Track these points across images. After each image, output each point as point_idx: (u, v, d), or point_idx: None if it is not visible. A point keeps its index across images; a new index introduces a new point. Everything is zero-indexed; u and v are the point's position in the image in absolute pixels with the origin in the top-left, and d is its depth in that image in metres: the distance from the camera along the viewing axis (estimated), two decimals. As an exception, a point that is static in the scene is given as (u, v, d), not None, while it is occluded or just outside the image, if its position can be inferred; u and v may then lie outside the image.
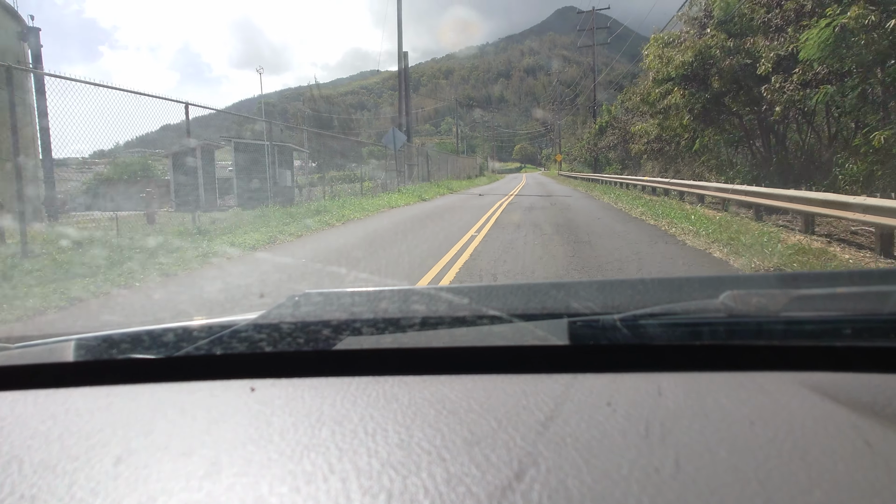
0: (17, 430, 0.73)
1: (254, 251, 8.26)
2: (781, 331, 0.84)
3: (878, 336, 0.82)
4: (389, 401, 0.76)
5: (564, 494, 0.53)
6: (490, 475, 0.57)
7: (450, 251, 7.61)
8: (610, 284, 1.02)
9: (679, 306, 0.86)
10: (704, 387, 0.76)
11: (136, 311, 4.93)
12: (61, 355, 0.93)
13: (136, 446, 0.67)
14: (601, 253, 7.21)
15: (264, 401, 0.78)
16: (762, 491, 0.53)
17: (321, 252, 8.07)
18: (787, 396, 0.72)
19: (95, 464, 0.64)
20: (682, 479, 0.55)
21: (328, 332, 0.90)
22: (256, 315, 0.94)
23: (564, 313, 0.87)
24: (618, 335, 0.84)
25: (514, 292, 0.99)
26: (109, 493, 0.58)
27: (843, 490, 0.53)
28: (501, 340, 0.88)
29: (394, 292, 0.98)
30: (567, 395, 0.74)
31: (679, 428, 0.65)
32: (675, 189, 16.74)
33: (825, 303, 0.89)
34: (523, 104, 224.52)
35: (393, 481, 0.57)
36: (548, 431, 0.65)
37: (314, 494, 0.56)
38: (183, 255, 7.52)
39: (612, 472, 0.56)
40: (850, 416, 0.66)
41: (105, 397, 0.83)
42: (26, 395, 0.85)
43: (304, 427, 0.70)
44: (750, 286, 0.98)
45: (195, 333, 0.91)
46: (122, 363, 0.92)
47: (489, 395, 0.76)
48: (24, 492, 0.59)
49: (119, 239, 8.62)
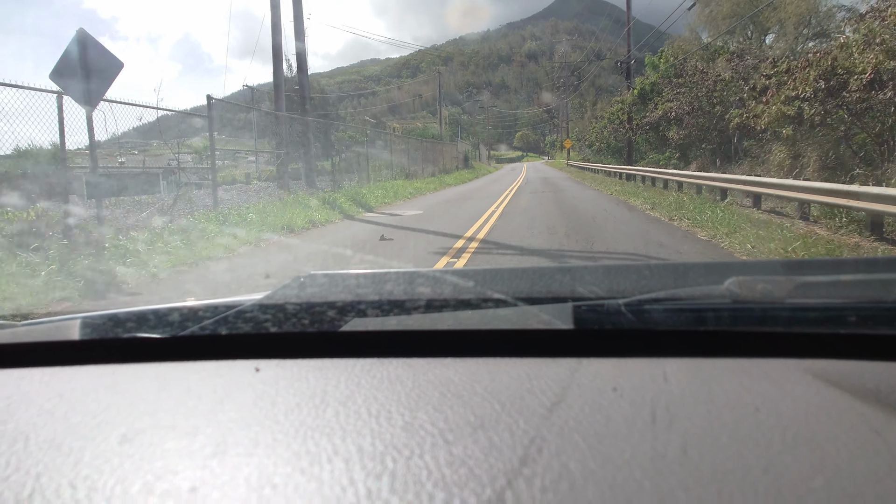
0: (23, 408, 0.74)
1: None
2: (786, 317, 0.84)
3: (882, 324, 0.82)
4: (394, 383, 0.76)
5: (569, 479, 0.53)
6: (494, 458, 0.57)
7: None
8: (615, 269, 1.02)
9: (684, 292, 0.87)
10: (709, 373, 0.76)
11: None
12: (67, 333, 0.94)
13: (142, 425, 0.68)
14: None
15: (269, 381, 0.79)
16: (767, 477, 0.53)
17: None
18: (792, 383, 0.73)
19: (101, 442, 0.64)
20: (688, 465, 0.55)
21: (333, 314, 0.90)
22: (262, 296, 0.94)
23: (569, 297, 0.87)
24: (622, 320, 0.84)
25: (520, 276, 1.00)
26: (115, 471, 0.58)
27: (846, 477, 0.53)
28: (506, 324, 0.88)
29: (399, 274, 0.99)
30: (572, 380, 0.74)
31: (684, 414, 0.65)
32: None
33: (830, 290, 0.89)
34: (525, 90, 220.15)
35: (397, 463, 0.57)
36: (552, 416, 0.65)
37: (318, 475, 0.56)
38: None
39: (617, 457, 0.56)
40: (855, 403, 0.66)
41: (110, 376, 0.84)
42: (32, 373, 0.86)
43: (309, 408, 0.70)
44: (755, 273, 0.98)
45: (200, 313, 0.92)
46: (128, 342, 0.92)
47: (493, 379, 0.76)
48: (30, 469, 0.59)
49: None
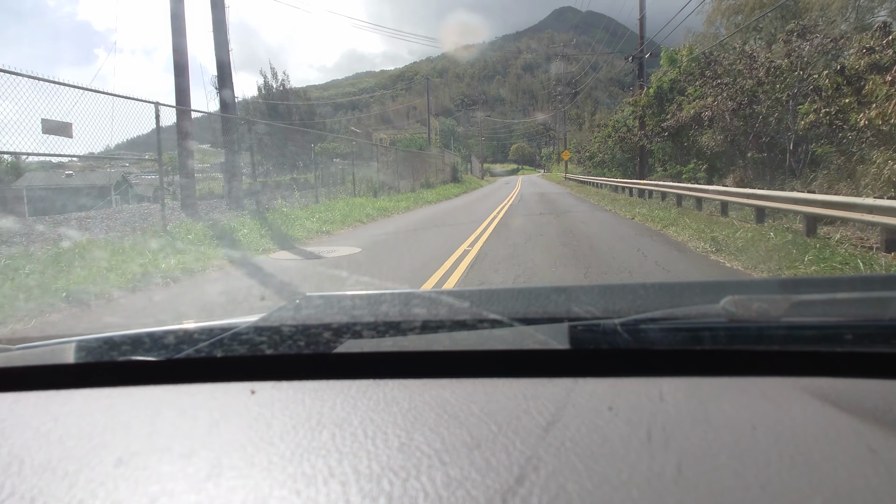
0: (18, 431, 0.73)
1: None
2: (782, 336, 0.84)
3: (879, 342, 0.82)
4: (390, 404, 0.76)
5: (565, 499, 0.53)
6: (490, 479, 0.57)
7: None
8: (611, 289, 1.02)
9: (680, 311, 0.86)
10: (706, 392, 0.76)
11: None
12: (62, 357, 0.93)
13: (137, 448, 0.67)
14: None
15: (265, 403, 0.78)
16: (763, 496, 0.53)
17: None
18: (789, 402, 0.72)
19: (96, 465, 0.64)
20: (684, 485, 0.55)
21: (329, 335, 0.90)
22: (257, 318, 0.94)
23: (565, 317, 0.87)
24: (619, 339, 0.84)
25: (515, 296, 0.99)
26: (110, 494, 0.58)
27: (844, 496, 0.53)
28: (502, 344, 0.88)
29: (394, 295, 0.98)
30: (568, 400, 0.74)
31: (681, 433, 0.65)
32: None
33: (826, 308, 0.89)
34: (521, 102, 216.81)
35: (393, 485, 0.57)
36: (548, 436, 0.65)
37: (314, 497, 0.56)
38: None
39: (614, 476, 0.56)
40: (852, 421, 0.66)
41: (106, 399, 0.84)
42: (27, 397, 0.85)
43: (305, 430, 0.70)
44: (751, 291, 0.97)
45: (196, 335, 0.91)
46: (123, 365, 0.92)
47: (490, 399, 0.76)
48: (25, 493, 0.59)
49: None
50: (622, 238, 9.32)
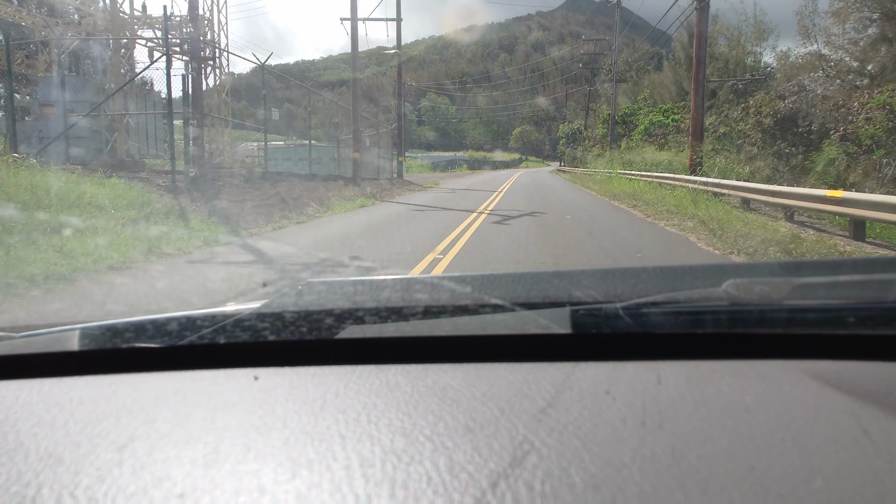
0: (22, 419, 0.74)
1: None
2: (784, 319, 0.84)
3: (881, 324, 0.81)
4: (392, 389, 0.76)
5: (564, 481, 0.54)
6: (492, 462, 0.57)
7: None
8: (612, 273, 1.02)
9: (682, 294, 0.86)
10: (705, 375, 0.76)
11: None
12: (65, 344, 0.94)
13: (140, 434, 0.68)
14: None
15: (267, 389, 0.78)
16: (761, 479, 0.53)
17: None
18: (789, 385, 0.72)
19: (100, 452, 0.64)
20: (675, 467, 0.55)
21: (331, 321, 0.90)
22: (260, 304, 0.94)
23: (567, 302, 0.87)
24: (620, 323, 0.84)
25: (517, 281, 0.99)
26: (114, 480, 0.58)
27: (842, 478, 0.53)
28: (504, 329, 0.88)
29: (396, 281, 0.99)
30: (567, 384, 0.75)
31: (677, 416, 0.65)
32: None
33: (828, 291, 0.89)
34: (529, 82, 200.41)
35: (395, 469, 0.57)
36: (548, 419, 0.65)
37: (317, 482, 0.56)
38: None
39: (612, 459, 0.57)
40: (852, 404, 0.66)
41: (109, 386, 0.84)
42: (31, 384, 0.86)
43: (307, 415, 0.70)
44: (753, 274, 0.98)
45: (198, 322, 0.91)
46: (126, 352, 0.92)
47: (491, 384, 0.76)
48: (30, 479, 0.59)
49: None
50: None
